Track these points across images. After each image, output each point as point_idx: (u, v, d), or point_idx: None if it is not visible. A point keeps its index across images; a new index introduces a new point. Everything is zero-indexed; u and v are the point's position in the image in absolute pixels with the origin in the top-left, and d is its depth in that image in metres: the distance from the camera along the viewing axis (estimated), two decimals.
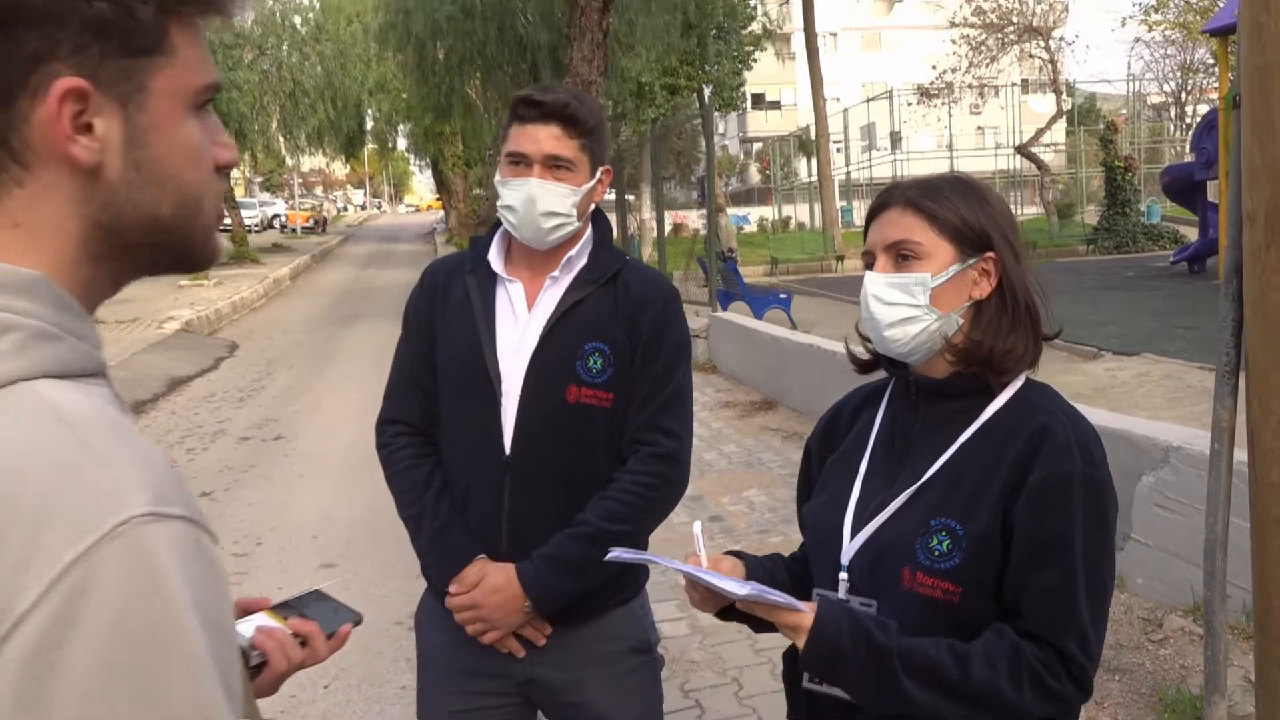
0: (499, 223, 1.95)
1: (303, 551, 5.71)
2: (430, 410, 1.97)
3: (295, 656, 1.11)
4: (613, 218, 20.13)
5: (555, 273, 1.91)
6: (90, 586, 0.61)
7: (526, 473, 1.86)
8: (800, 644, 1.32)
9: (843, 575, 1.46)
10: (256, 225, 42.77)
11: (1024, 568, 1.35)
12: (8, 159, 0.71)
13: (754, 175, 54.11)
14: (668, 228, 32.87)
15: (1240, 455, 2.53)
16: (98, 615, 0.61)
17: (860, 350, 1.60)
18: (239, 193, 43.94)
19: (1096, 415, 4.34)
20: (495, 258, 1.95)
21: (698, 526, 1.51)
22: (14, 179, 0.72)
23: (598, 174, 1.92)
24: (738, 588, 1.33)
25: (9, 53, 0.69)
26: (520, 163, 1.85)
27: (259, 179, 59.88)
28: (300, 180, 54.27)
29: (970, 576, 1.36)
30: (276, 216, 46.47)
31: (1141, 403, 7.27)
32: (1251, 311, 2.45)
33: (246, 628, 1.10)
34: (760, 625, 1.47)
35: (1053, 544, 1.34)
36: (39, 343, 0.70)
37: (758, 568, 1.56)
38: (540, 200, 1.83)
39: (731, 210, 35.30)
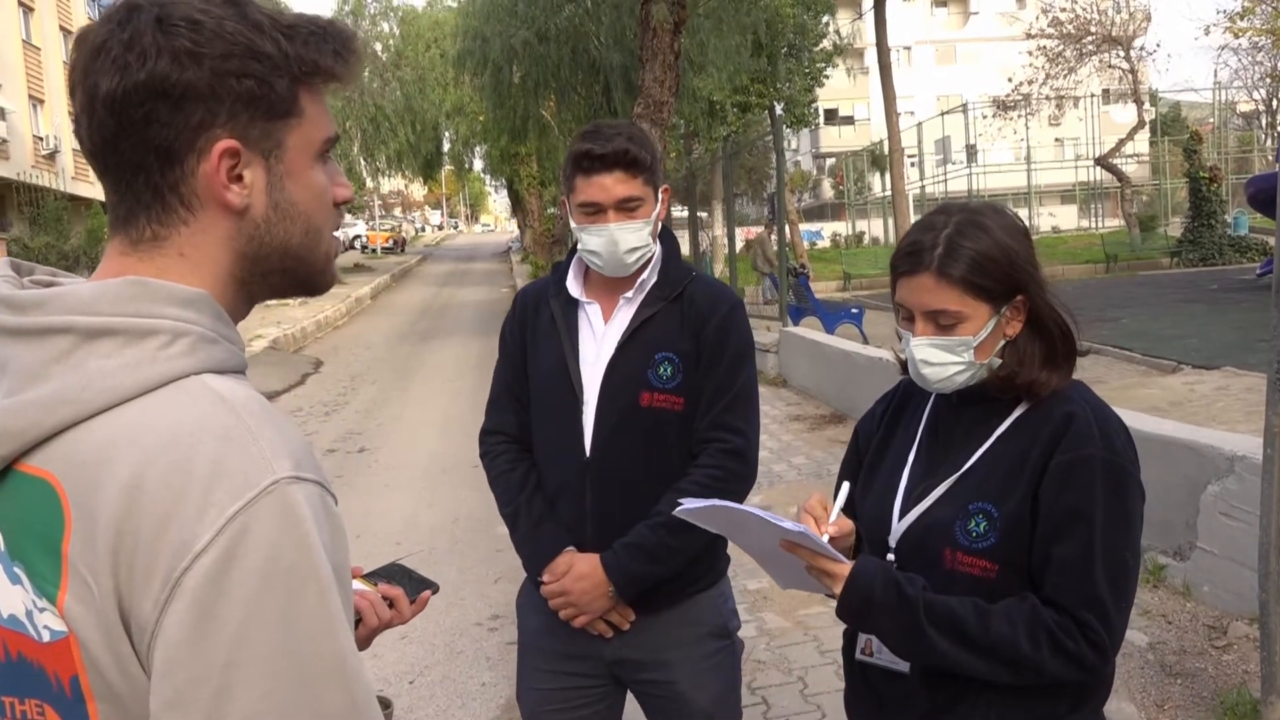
0: (574, 250, 2.15)
1: (387, 556, 5.88)
2: (525, 420, 2.18)
3: (384, 616, 1.30)
4: (685, 235, 20.29)
5: (629, 293, 2.11)
6: (249, 530, 0.79)
7: (605, 472, 2.05)
8: (838, 591, 1.49)
9: (890, 556, 1.63)
10: (339, 247, 43.73)
11: (1046, 540, 1.50)
12: (178, 204, 0.92)
13: (827, 190, 53.85)
14: (739, 244, 32.88)
15: None
16: (255, 551, 0.79)
17: None
18: None
19: (1162, 426, 4.37)
20: (574, 283, 2.15)
21: (847, 486, 1.68)
22: (182, 219, 0.92)
23: (659, 197, 2.11)
24: (790, 525, 1.49)
25: (181, 123, 0.89)
26: (595, 211, 2.03)
27: None
28: (380, 202, 55.53)
29: (1006, 555, 1.52)
30: (358, 238, 47.38)
31: (1219, 416, 7.16)
32: None
33: None
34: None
35: (1071, 518, 1.48)
36: (204, 345, 0.89)
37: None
38: (622, 241, 2.02)
39: (804, 226, 35.20)
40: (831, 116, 52.83)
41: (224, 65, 0.88)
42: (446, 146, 38.68)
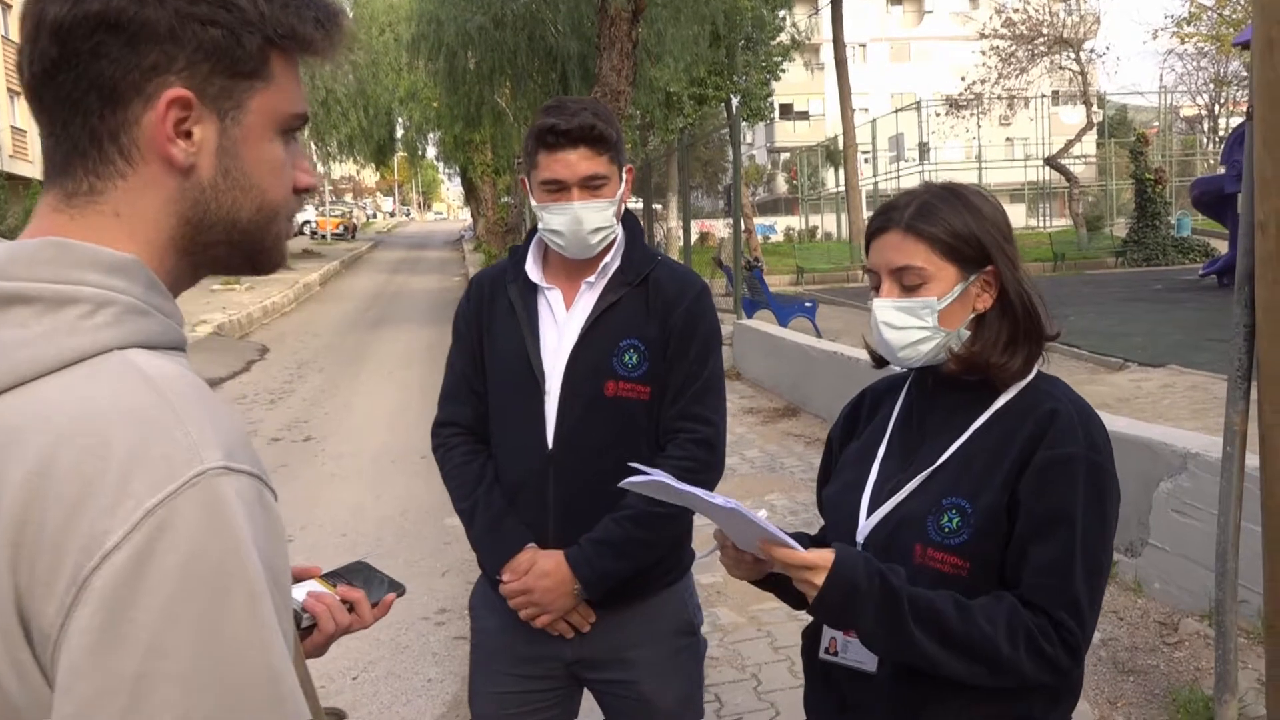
0: (533, 233, 2.06)
1: (331, 549, 5.82)
2: (481, 412, 2.08)
3: (343, 620, 1.20)
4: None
5: (591, 278, 2.02)
6: (168, 526, 0.70)
7: (568, 465, 1.96)
8: (819, 582, 1.39)
9: None
10: (292, 230, 43.12)
11: (1025, 540, 1.44)
12: (116, 154, 0.82)
13: (781, 185, 54.10)
14: (695, 236, 32.91)
15: (1252, 460, 2.58)
16: (174, 550, 0.70)
17: None
18: None
19: (1116, 423, 4.38)
20: (533, 267, 2.06)
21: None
22: (119, 172, 0.82)
23: (624, 177, 2.02)
24: (763, 523, 1.40)
25: (132, 62, 0.80)
26: (558, 189, 1.94)
27: None
28: (331, 187, 54.79)
29: (978, 552, 1.46)
30: (307, 223, 46.69)
31: (1166, 413, 7.26)
32: (1263, 316, 2.50)
33: (299, 592, 1.19)
34: (791, 596, 1.55)
35: (1054, 518, 1.43)
36: (132, 316, 0.80)
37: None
38: (586, 221, 1.93)
39: (758, 220, 35.32)
40: (787, 111, 53.07)
41: (190, 8, 0.80)
42: (400, 132, 38.19)
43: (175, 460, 0.72)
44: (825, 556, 1.41)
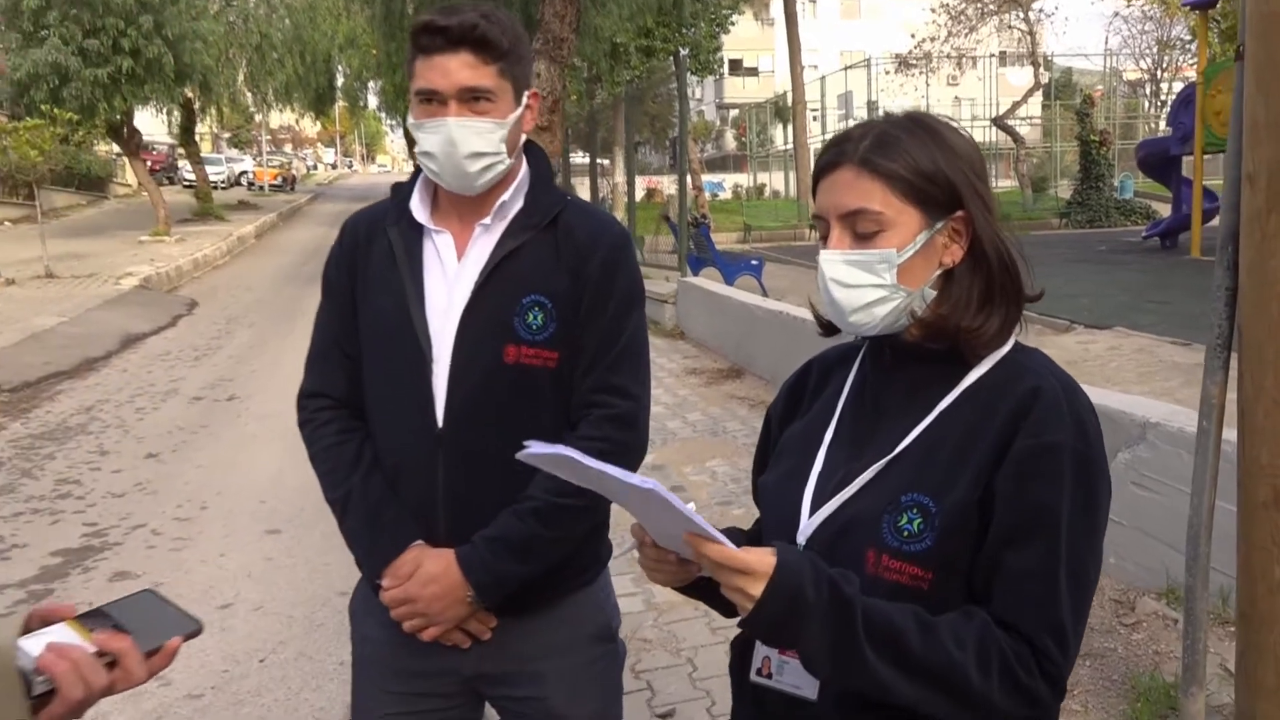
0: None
1: (248, 516, 5.50)
2: (356, 380, 1.75)
3: (97, 681, 0.91)
4: (586, 181, 19.82)
5: (486, 220, 1.69)
6: None
7: (462, 446, 1.65)
8: (757, 592, 1.11)
9: None
10: (223, 182, 42.07)
11: (1001, 545, 1.17)
12: None
13: (730, 142, 53.72)
14: (641, 193, 32.56)
15: (1226, 435, 2.38)
16: None
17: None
18: (205, 149, 43.15)
19: None
20: (419, 207, 1.72)
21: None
22: None
23: (524, 100, 1.69)
24: (690, 513, 1.13)
25: None
26: (433, 100, 1.61)
27: (226, 135, 58.74)
28: (269, 137, 53.23)
29: (943, 560, 1.19)
30: (244, 173, 45.66)
31: (1114, 376, 7.16)
32: (1247, 279, 2.27)
33: (35, 645, 0.90)
34: (721, 604, 1.27)
35: (1034, 521, 1.16)
36: None
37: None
38: (462, 141, 1.60)
39: (706, 177, 35.02)
40: (736, 67, 52.63)
41: None
42: (340, 81, 37.01)
43: None
44: (764, 560, 1.12)
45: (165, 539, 5.17)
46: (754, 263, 14.04)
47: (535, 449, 1.19)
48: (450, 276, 1.68)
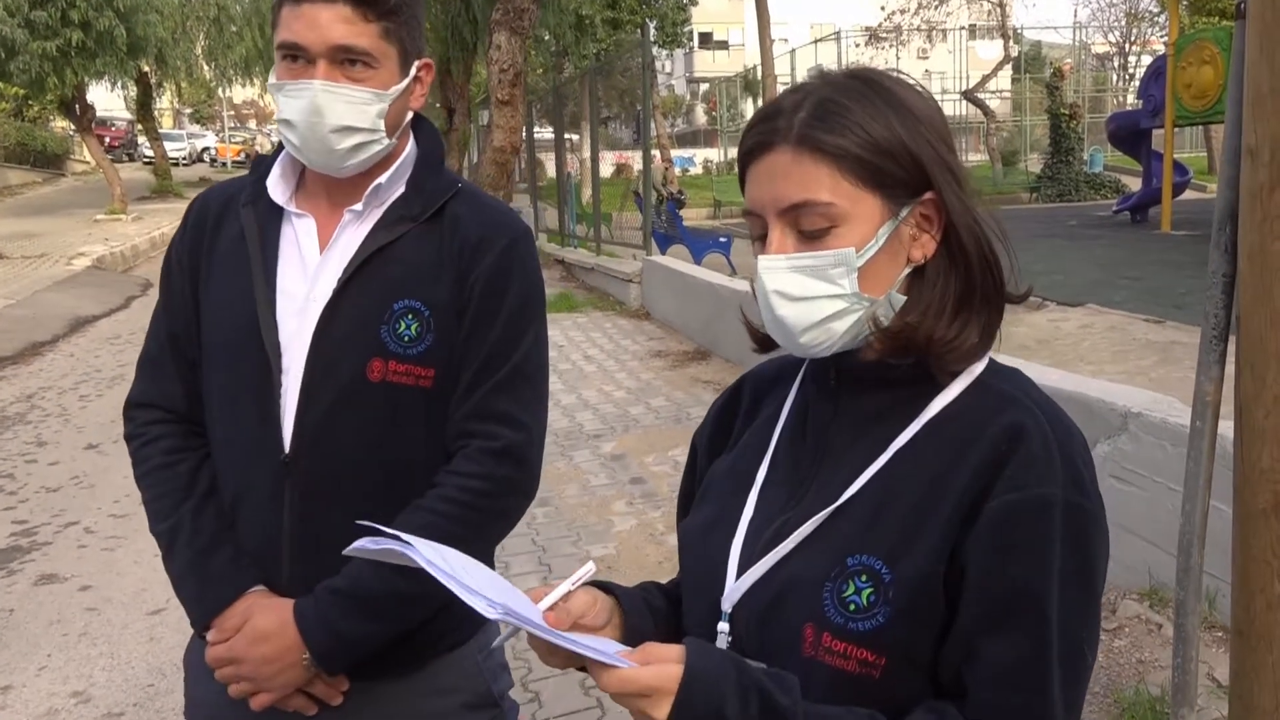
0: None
1: None
2: (196, 389, 1.47)
3: None
4: (551, 157, 19.47)
5: (357, 206, 1.42)
6: None
7: (313, 477, 1.38)
8: (662, 716, 0.88)
9: (723, 626, 1.03)
10: (184, 159, 41.34)
11: (976, 629, 0.92)
12: None
13: (700, 117, 53.33)
14: (611, 169, 32.17)
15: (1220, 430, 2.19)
16: None
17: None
18: (166, 124, 42.30)
19: (1047, 375, 4.00)
20: (278, 186, 1.44)
21: (590, 566, 1.06)
22: None
23: (413, 70, 1.42)
24: (549, 635, 0.90)
25: None
26: (298, 58, 1.34)
27: (188, 110, 57.66)
28: (232, 112, 52.27)
29: (898, 642, 0.93)
30: (206, 150, 44.94)
31: (1087, 355, 7.00)
32: (1247, 265, 2.06)
33: None
34: None
35: (1018, 598, 0.91)
36: None
37: (632, 602, 1.14)
38: (329, 111, 1.34)
39: (676, 152, 34.72)
40: (706, 40, 52.20)
41: None
42: None
43: None
44: (668, 674, 0.88)
45: (98, 538, 4.89)
46: (723, 240, 13.80)
47: (366, 544, 0.94)
48: (310, 271, 1.41)
